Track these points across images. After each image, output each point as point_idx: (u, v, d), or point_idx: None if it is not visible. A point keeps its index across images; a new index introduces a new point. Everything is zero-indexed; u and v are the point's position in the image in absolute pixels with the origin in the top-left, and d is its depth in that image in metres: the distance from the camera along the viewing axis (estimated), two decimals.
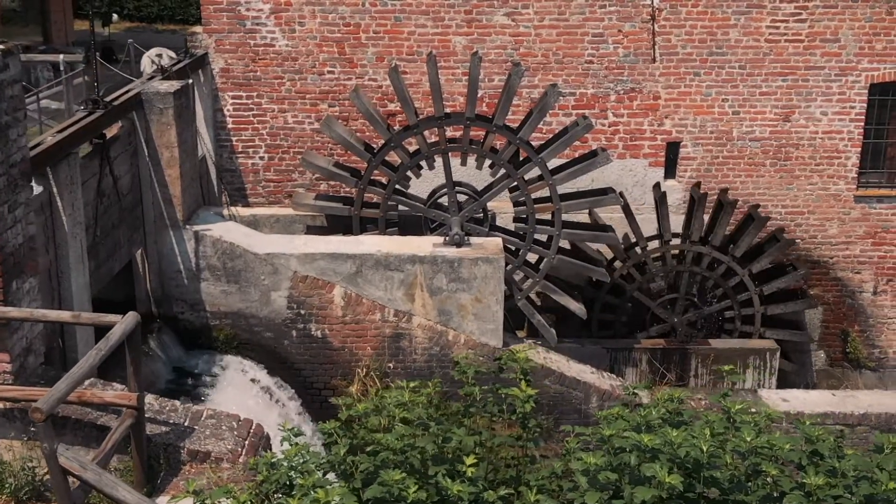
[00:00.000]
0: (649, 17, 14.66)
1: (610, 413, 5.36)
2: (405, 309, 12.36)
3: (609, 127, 15.26)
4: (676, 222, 15.09)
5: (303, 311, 12.30)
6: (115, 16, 30.26)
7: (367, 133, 14.48)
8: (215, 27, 14.83)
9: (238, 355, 12.34)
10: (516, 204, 13.39)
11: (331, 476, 4.95)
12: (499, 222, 14.49)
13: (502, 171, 13.15)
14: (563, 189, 13.58)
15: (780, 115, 15.07)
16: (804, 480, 4.57)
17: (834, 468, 4.92)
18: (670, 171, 15.52)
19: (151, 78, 12.63)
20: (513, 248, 13.42)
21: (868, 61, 14.77)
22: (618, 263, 14.77)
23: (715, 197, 14.90)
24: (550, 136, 14.11)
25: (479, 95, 14.62)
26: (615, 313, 14.96)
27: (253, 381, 12.16)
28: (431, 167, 13.19)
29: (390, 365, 12.49)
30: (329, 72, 14.97)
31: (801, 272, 14.85)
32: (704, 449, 4.55)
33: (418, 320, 12.42)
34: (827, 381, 15.89)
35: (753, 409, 5.95)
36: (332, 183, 14.79)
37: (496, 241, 12.70)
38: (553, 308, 14.48)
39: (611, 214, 15.00)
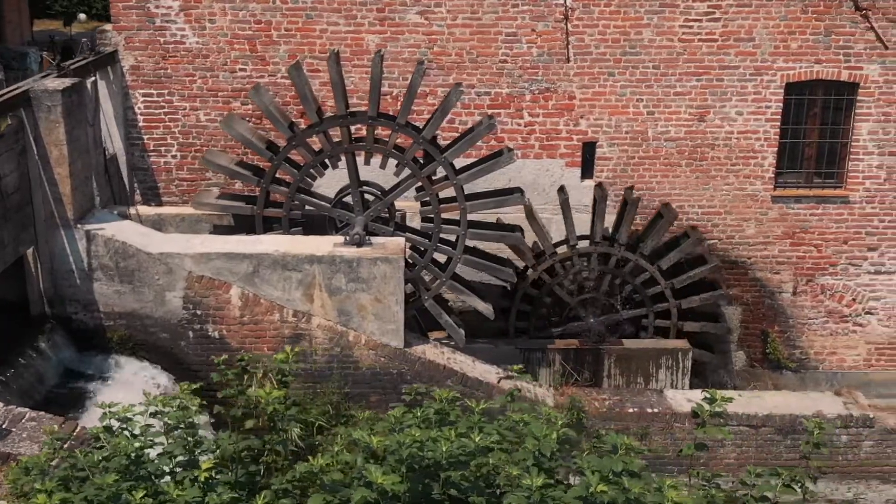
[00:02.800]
0: (562, 17, 14.57)
1: (370, 415, 5.25)
2: (304, 309, 12.21)
3: (525, 127, 15.17)
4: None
5: (199, 312, 12.12)
6: (82, 15, 30.04)
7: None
8: (124, 24, 14.64)
9: (133, 356, 12.15)
10: (423, 204, 13.26)
11: None
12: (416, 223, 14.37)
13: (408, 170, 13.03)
14: (471, 189, 13.52)
15: (694, 115, 15.02)
16: (524, 482, 4.46)
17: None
18: (587, 172, 15.44)
19: (46, 75, 12.43)
20: (421, 248, 13.31)
21: (783, 60, 14.73)
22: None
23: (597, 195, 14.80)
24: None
25: (392, 94, 14.60)
26: (529, 315, 14.89)
27: (148, 382, 11.97)
28: (335, 166, 13.07)
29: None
30: (241, 69, 14.81)
31: (712, 264, 14.82)
32: (444, 449, 4.44)
33: (318, 321, 12.27)
34: (747, 382, 15.86)
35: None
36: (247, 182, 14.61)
37: (397, 242, 12.57)
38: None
39: (543, 215, 15.00)
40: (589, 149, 15.33)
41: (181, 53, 14.72)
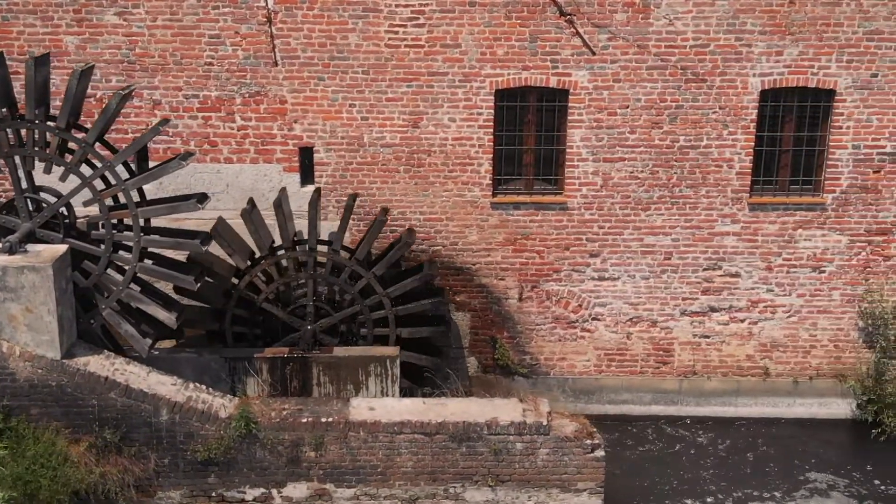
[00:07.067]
0: (265, 20, 14.34)
1: None
2: None
3: (238, 131, 14.92)
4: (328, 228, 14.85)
5: None
6: None
7: None
8: None
9: None
10: (101, 210, 12.93)
11: None
12: None
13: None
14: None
15: (408, 122, 14.90)
16: None
17: None
18: (307, 177, 15.25)
19: None
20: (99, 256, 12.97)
21: (491, 67, 14.67)
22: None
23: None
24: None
25: (97, 96, 14.28)
26: (246, 323, 14.61)
27: None
28: None
29: None
30: None
31: (430, 271, 14.72)
32: None
33: None
34: (481, 388, 15.81)
35: None
36: None
37: (53, 250, 12.24)
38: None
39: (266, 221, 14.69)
40: (306, 154, 15.13)
41: None
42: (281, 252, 14.32)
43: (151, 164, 14.56)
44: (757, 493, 14.43)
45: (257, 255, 14.41)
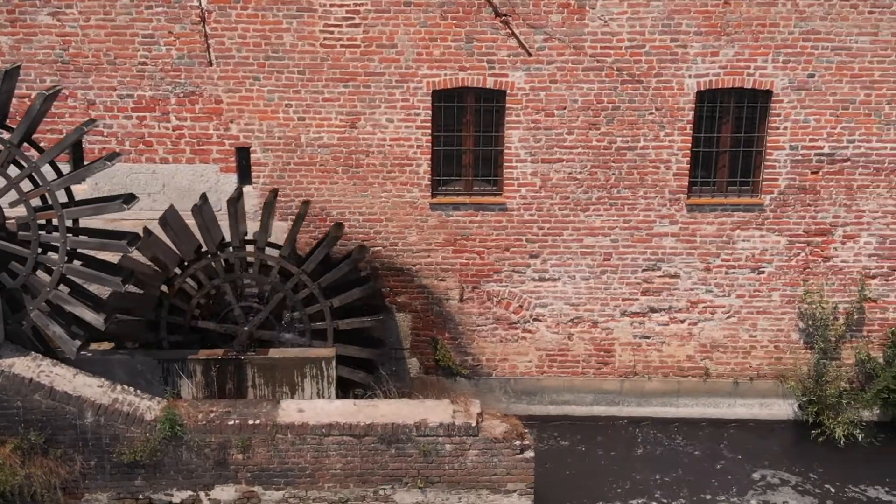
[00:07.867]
0: (199, 19, 14.27)
1: None
2: None
3: (173, 131, 14.84)
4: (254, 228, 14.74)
5: None
6: None
7: None
8: None
9: None
10: (28, 211, 12.83)
11: None
12: None
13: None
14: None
15: (346, 122, 14.85)
16: None
17: None
18: (245, 178, 15.19)
19: None
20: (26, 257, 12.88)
21: (428, 67, 14.63)
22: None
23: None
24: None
25: (31, 97, 14.19)
26: (181, 324, 14.53)
27: None
28: None
29: None
30: None
31: (358, 255, 14.61)
32: None
33: None
34: (423, 390, 15.75)
35: None
36: None
37: None
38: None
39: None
40: (243, 154, 15.07)
41: None
42: (192, 264, 14.13)
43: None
44: (705, 495, 14.41)
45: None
